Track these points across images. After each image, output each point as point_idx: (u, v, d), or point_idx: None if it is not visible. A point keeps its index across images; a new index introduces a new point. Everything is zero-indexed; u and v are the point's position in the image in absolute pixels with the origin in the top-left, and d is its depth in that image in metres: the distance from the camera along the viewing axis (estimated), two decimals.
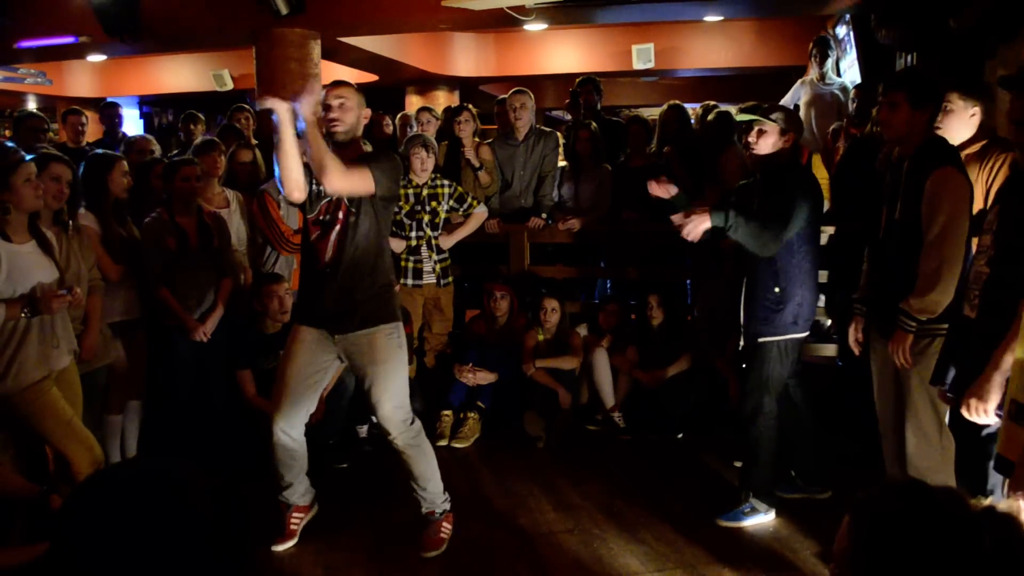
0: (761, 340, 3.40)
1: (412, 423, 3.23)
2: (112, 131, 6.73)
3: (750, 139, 3.39)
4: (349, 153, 3.05)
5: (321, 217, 3.14)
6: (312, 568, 3.20)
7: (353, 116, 3.10)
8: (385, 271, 3.23)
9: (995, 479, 2.82)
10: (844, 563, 1.07)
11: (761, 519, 3.47)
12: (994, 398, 2.38)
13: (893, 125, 3.00)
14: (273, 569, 3.17)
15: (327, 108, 3.04)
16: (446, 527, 3.35)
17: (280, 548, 3.31)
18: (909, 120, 2.95)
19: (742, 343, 3.48)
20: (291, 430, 3.23)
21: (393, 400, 3.15)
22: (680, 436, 4.57)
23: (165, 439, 4.06)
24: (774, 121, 3.36)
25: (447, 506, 3.37)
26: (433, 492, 3.32)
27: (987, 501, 1.05)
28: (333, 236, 3.12)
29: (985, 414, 2.41)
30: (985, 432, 2.79)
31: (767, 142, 3.37)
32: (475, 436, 4.57)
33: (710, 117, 5.25)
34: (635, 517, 3.55)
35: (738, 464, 3.87)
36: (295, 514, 3.41)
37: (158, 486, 0.97)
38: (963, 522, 1.02)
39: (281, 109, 2.83)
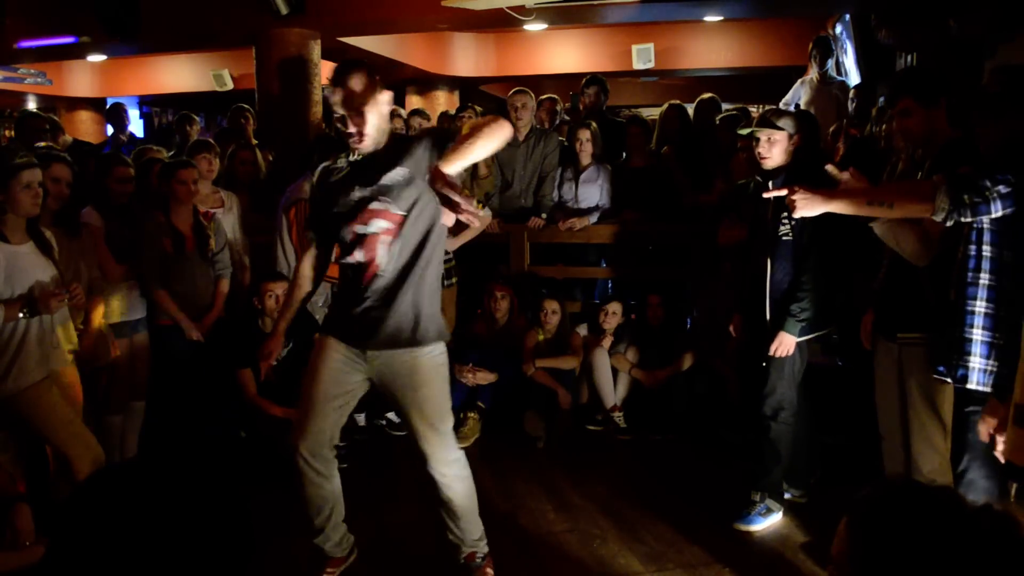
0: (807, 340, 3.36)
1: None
2: (120, 131, 6.76)
3: (761, 151, 3.28)
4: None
5: None
6: (312, 568, 3.20)
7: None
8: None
9: (976, 469, 2.83)
10: (842, 563, 1.07)
11: (775, 519, 3.43)
12: None
13: (912, 132, 2.86)
14: (273, 569, 3.17)
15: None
16: (490, 573, 2.95)
17: None
18: (926, 120, 2.81)
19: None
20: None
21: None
22: (680, 436, 4.56)
23: (165, 439, 4.06)
24: (781, 128, 3.24)
25: (487, 548, 2.96)
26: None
27: (982, 501, 1.06)
28: None
29: None
30: (967, 409, 2.76)
31: (778, 151, 3.27)
32: (475, 436, 4.57)
33: (718, 119, 5.22)
34: (635, 517, 3.55)
35: (735, 463, 3.87)
36: (328, 569, 2.96)
37: (159, 487, 0.97)
38: (960, 522, 1.02)
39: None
